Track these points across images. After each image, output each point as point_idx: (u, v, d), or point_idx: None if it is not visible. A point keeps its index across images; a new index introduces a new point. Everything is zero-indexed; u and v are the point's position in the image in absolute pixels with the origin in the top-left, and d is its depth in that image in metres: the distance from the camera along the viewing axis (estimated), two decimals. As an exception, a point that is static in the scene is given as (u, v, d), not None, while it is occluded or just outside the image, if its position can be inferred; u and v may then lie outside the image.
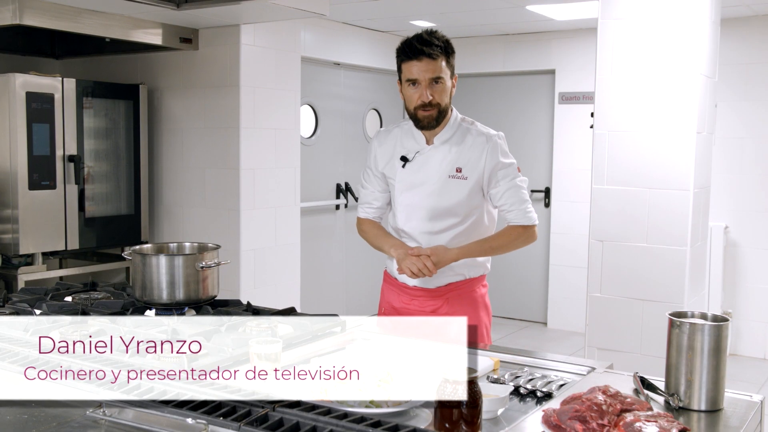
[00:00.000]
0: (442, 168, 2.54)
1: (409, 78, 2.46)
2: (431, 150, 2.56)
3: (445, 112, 2.53)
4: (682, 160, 3.73)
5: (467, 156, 2.53)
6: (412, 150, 2.58)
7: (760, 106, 5.76)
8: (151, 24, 4.35)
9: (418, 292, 2.61)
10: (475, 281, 2.66)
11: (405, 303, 2.64)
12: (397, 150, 2.61)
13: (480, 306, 2.67)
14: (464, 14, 5.75)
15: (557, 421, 1.53)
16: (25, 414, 1.61)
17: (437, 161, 2.55)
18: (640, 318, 3.84)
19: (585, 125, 5.76)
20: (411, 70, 2.44)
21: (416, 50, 2.42)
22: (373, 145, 2.69)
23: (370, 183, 2.70)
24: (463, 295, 2.62)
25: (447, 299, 2.60)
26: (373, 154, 2.67)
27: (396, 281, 2.67)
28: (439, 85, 2.47)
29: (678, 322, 1.74)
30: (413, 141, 2.59)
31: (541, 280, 6.83)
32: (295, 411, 1.46)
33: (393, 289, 2.68)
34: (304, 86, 5.42)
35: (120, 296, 2.68)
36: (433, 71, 2.43)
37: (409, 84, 2.47)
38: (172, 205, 4.92)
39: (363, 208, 2.74)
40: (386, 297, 2.72)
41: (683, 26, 3.70)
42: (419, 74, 2.43)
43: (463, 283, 2.62)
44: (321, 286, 6.34)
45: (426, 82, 2.44)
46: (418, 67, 2.43)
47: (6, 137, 4.08)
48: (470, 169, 2.52)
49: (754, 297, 5.88)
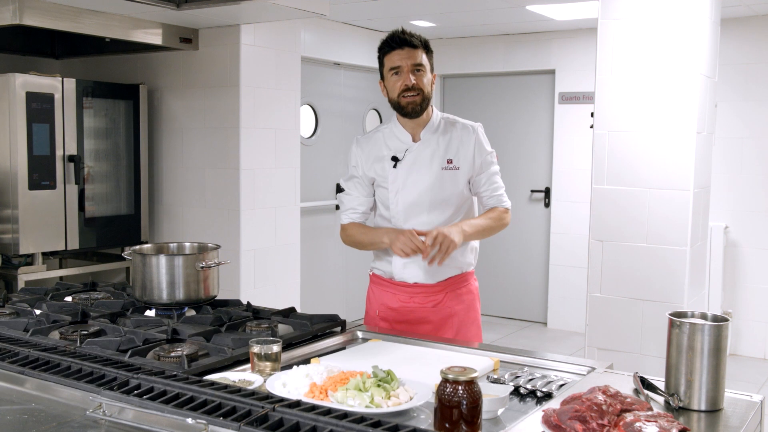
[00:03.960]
0: (434, 162, 2.59)
1: (391, 67, 2.55)
2: (420, 146, 2.61)
3: (428, 101, 2.59)
4: (682, 160, 3.73)
5: (455, 147, 2.60)
6: (400, 149, 2.62)
7: (760, 106, 5.76)
8: (151, 24, 4.35)
9: (418, 289, 2.62)
10: (469, 274, 2.72)
11: (404, 301, 2.64)
12: (383, 152, 2.64)
13: (475, 298, 2.74)
14: (464, 14, 5.75)
15: (557, 421, 1.53)
16: (25, 414, 1.61)
17: (428, 156, 2.60)
18: (640, 318, 3.84)
19: (585, 125, 5.76)
20: (393, 59, 2.54)
21: (398, 40, 2.53)
22: (354, 151, 2.72)
23: (354, 188, 2.72)
24: (461, 287, 2.67)
25: (447, 292, 2.64)
26: (354, 160, 2.71)
27: (391, 282, 2.67)
28: (420, 72, 2.54)
29: (678, 322, 1.74)
30: (398, 141, 2.64)
31: (541, 280, 6.83)
32: (295, 411, 1.46)
33: (387, 290, 2.68)
34: (304, 86, 5.42)
35: (120, 296, 2.68)
36: (414, 58, 2.53)
37: (391, 74, 2.55)
38: (172, 205, 4.92)
39: (347, 214, 2.73)
40: (379, 299, 2.70)
41: (683, 26, 3.70)
42: (401, 61, 2.52)
43: (460, 276, 2.67)
44: (321, 286, 6.34)
45: (408, 67, 2.52)
46: (400, 55, 2.53)
47: (6, 137, 4.08)
48: (461, 160, 2.60)
49: (754, 297, 5.88)
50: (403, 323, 2.64)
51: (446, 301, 2.63)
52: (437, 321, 2.63)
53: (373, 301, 2.73)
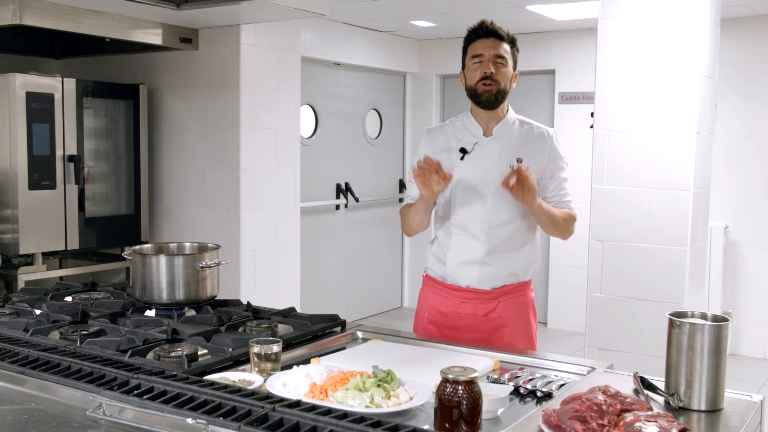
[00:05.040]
0: (503, 159, 2.52)
1: (474, 54, 2.53)
2: (490, 141, 2.55)
3: (504, 94, 2.53)
4: (682, 160, 3.73)
5: (528, 148, 2.54)
6: (470, 142, 2.56)
7: (760, 106, 5.76)
8: (151, 24, 4.35)
9: (469, 294, 2.55)
10: (526, 285, 2.62)
11: (454, 307, 2.56)
12: (452, 144, 2.58)
13: (530, 309, 2.63)
14: (464, 14, 5.75)
15: (557, 421, 1.53)
16: (25, 414, 1.61)
17: (497, 152, 2.53)
18: (640, 318, 3.84)
19: (585, 125, 5.76)
20: (476, 47, 2.53)
21: (485, 30, 2.53)
22: (423, 141, 2.66)
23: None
24: (516, 297, 2.58)
25: (500, 302, 2.55)
26: (422, 150, 2.63)
27: (443, 285, 2.60)
28: (501, 64, 2.51)
29: (678, 322, 1.74)
30: (469, 133, 2.57)
31: (541, 280, 6.83)
32: (295, 411, 1.46)
33: (439, 293, 2.61)
34: (304, 86, 5.42)
35: (120, 296, 2.68)
36: (497, 49, 2.50)
37: (473, 62, 2.53)
38: (172, 205, 4.92)
39: (407, 199, 2.70)
40: (430, 302, 2.64)
41: (683, 26, 3.70)
42: (484, 50, 2.50)
43: (516, 286, 2.57)
44: (321, 286, 6.34)
45: (490, 57, 2.50)
46: (484, 44, 2.51)
47: (6, 137, 4.08)
48: (532, 161, 2.52)
49: (754, 297, 5.88)
50: (452, 329, 2.56)
51: (499, 310, 2.54)
52: (487, 331, 2.54)
53: (424, 304, 2.67)
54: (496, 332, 2.55)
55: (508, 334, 2.55)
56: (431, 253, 2.67)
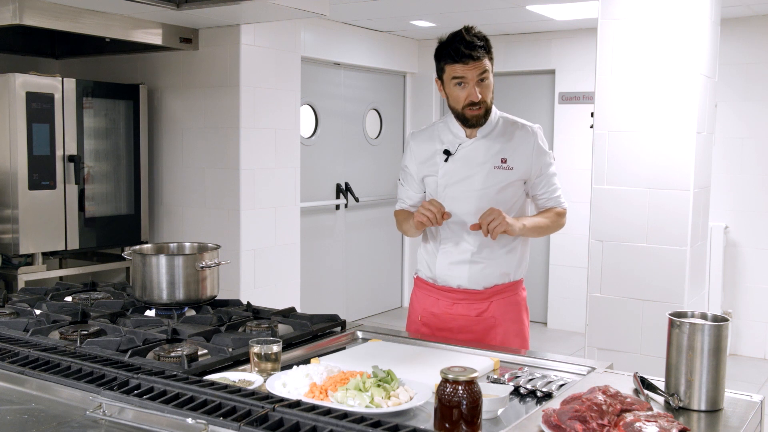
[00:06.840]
0: (487, 159, 2.52)
1: (455, 76, 2.45)
2: (474, 142, 2.54)
3: (491, 110, 2.53)
4: (682, 160, 3.73)
5: (513, 147, 2.54)
6: (454, 143, 2.56)
7: (760, 106, 5.76)
8: (151, 24, 4.35)
9: (461, 295, 2.55)
10: (518, 284, 2.64)
11: (446, 308, 2.57)
12: (437, 146, 2.58)
13: (523, 309, 2.65)
14: (464, 14, 5.75)
15: (557, 421, 1.53)
16: (25, 414, 1.61)
17: (482, 153, 2.53)
18: (640, 318, 3.84)
19: (585, 125, 5.76)
20: (456, 69, 2.43)
21: (463, 54, 2.40)
22: (410, 145, 2.67)
23: (406, 181, 2.69)
24: (508, 297, 2.59)
25: (492, 301, 2.56)
26: (408, 154, 2.65)
27: (434, 286, 2.60)
28: (485, 82, 2.46)
29: (678, 322, 1.74)
30: (453, 135, 2.57)
31: (541, 280, 6.83)
32: (295, 411, 1.46)
33: (431, 294, 2.61)
34: (304, 86, 5.42)
35: (120, 296, 2.68)
36: (479, 68, 2.43)
37: (455, 83, 2.46)
38: (172, 205, 4.92)
39: (398, 203, 2.73)
40: (422, 304, 2.64)
41: (683, 26, 3.70)
42: (466, 72, 2.43)
43: (507, 285, 2.59)
44: (321, 286, 6.34)
45: (474, 80, 2.44)
46: (464, 68, 2.43)
47: (6, 137, 4.08)
48: (516, 161, 2.52)
49: (754, 297, 5.88)
50: (445, 330, 2.56)
51: (491, 310, 2.55)
52: (480, 331, 2.54)
53: (416, 306, 2.67)
54: (490, 332, 2.56)
55: (501, 334, 2.56)
56: (421, 255, 2.69)
